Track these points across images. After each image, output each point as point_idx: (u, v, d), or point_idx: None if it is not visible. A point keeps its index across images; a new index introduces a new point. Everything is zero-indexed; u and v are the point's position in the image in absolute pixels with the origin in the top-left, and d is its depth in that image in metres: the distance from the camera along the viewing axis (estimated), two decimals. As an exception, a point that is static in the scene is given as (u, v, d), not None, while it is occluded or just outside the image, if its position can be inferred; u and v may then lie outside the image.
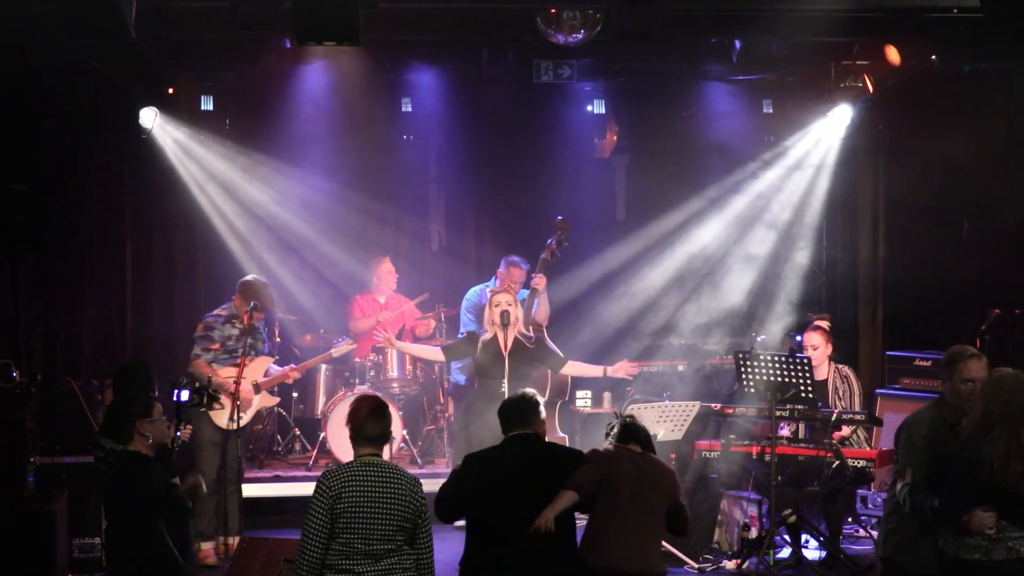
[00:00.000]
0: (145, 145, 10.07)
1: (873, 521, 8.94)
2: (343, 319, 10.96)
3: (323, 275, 11.24)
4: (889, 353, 10.23)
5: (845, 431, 8.44)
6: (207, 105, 10.46)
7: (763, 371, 8.15)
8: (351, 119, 10.65)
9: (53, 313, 9.93)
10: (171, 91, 10.12)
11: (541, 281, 9.48)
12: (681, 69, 10.39)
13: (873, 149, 11.02)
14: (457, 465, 5.91)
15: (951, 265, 9.99)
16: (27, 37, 8.09)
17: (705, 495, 8.48)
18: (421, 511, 5.23)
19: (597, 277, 11.18)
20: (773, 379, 8.09)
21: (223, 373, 8.48)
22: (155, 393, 6.89)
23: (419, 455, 10.23)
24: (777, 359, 8.17)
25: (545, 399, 8.30)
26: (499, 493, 5.56)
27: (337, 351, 9.73)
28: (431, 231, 11.79)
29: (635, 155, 11.65)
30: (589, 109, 11.08)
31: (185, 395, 6.69)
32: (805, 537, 8.42)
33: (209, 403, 7.19)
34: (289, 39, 8.89)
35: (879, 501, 8.86)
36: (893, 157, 10.79)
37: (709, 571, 8.13)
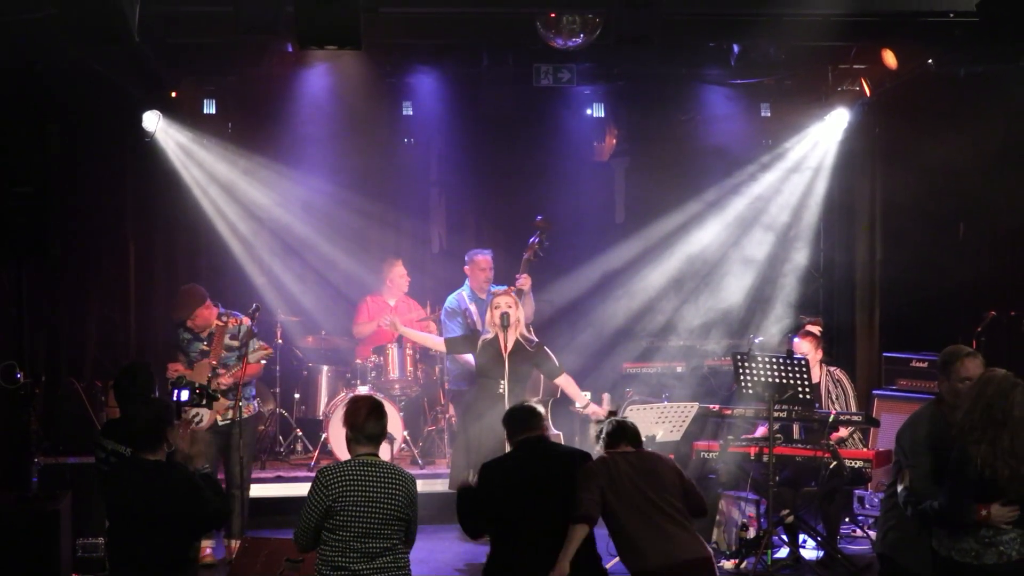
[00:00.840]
0: (148, 148, 10.11)
1: (870, 521, 8.98)
2: (344, 320, 11.01)
3: (324, 277, 11.29)
4: (886, 354, 10.25)
5: (843, 432, 8.47)
6: (210, 108, 10.51)
7: (761, 372, 8.19)
8: (352, 122, 10.68)
9: (57, 315, 9.94)
10: (174, 95, 10.15)
11: (526, 282, 9.50)
12: (680, 73, 10.40)
13: (870, 152, 11.04)
14: (464, 479, 6.01)
15: (947, 267, 10.00)
16: (31, 41, 8.05)
17: (703, 495, 8.51)
18: (414, 508, 5.34)
19: (597, 279, 11.23)
20: (771, 380, 8.13)
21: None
22: (156, 394, 6.93)
23: (420, 456, 10.25)
24: (774, 360, 8.21)
25: (538, 398, 8.42)
26: (520, 497, 5.69)
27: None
28: (432, 233, 11.83)
29: (634, 158, 11.68)
30: (588, 112, 11.10)
31: (185, 395, 6.76)
32: (803, 537, 8.47)
33: (208, 403, 7.22)
34: (291, 43, 8.92)
35: (876, 501, 8.91)
36: (890, 160, 10.79)
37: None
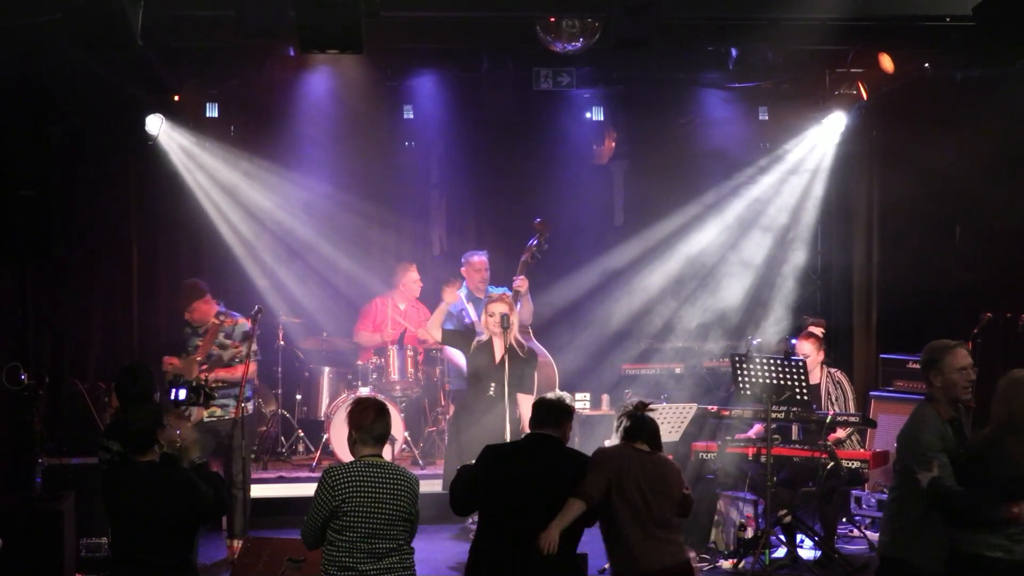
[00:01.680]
0: (151, 151, 10.16)
1: (867, 521, 9.04)
2: (345, 322, 11.05)
3: (326, 279, 11.33)
4: (883, 356, 10.31)
5: (841, 434, 8.48)
6: (212, 112, 10.55)
7: (759, 374, 8.23)
8: (353, 126, 10.72)
9: (60, 317, 10.01)
10: (176, 98, 10.17)
11: (523, 284, 9.56)
12: (678, 77, 10.41)
13: (867, 155, 11.09)
14: (465, 463, 6.00)
15: (944, 269, 10.05)
16: (34, 45, 8.09)
17: (702, 496, 8.55)
18: (416, 508, 5.39)
19: (596, 281, 11.29)
20: (769, 381, 8.16)
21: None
22: (157, 395, 6.97)
23: (420, 456, 10.32)
24: (772, 362, 8.24)
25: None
26: (511, 487, 5.60)
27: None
28: (432, 236, 11.86)
29: (633, 161, 11.72)
30: (588, 116, 11.12)
31: (182, 394, 6.84)
32: (800, 537, 8.51)
33: (206, 401, 7.27)
34: (293, 47, 8.93)
35: (873, 502, 8.98)
36: (887, 163, 10.84)
37: (706, 571, 8.20)
